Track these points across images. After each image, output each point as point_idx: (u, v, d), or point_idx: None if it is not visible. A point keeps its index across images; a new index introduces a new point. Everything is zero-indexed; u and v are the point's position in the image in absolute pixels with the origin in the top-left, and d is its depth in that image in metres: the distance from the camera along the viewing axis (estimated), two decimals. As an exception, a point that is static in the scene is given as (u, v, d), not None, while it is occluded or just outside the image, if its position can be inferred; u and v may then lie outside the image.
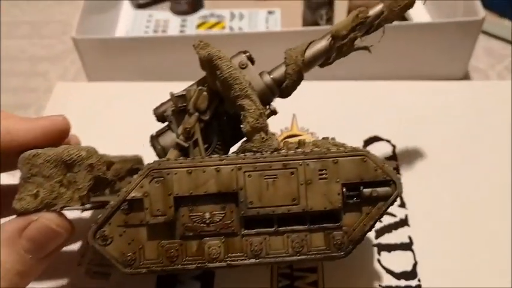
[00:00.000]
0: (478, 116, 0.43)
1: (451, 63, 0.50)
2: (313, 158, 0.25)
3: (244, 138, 0.27)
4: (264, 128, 0.26)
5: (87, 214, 0.36)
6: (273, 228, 0.25)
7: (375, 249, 0.35)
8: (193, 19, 0.61)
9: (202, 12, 0.62)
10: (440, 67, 0.50)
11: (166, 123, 0.30)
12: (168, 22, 0.60)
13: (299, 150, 0.25)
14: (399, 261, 0.34)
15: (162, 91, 0.30)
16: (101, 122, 0.44)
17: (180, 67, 0.46)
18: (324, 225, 0.25)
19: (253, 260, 0.24)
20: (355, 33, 0.29)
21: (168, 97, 0.29)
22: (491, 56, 0.56)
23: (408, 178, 0.39)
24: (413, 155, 0.40)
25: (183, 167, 0.24)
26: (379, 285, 0.33)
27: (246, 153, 0.25)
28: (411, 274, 0.34)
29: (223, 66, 0.26)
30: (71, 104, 0.45)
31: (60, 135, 0.27)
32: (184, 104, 0.28)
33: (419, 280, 0.33)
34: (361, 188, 0.25)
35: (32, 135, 0.25)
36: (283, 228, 0.25)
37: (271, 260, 0.25)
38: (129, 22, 0.60)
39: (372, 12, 0.29)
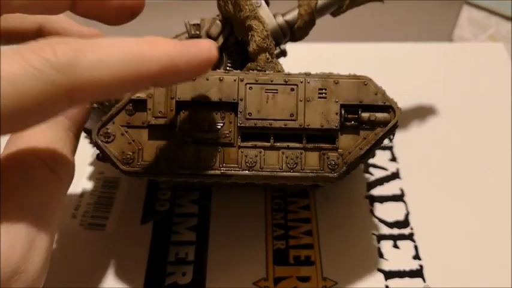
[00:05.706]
0: (470, 75, 0.44)
1: (436, 32, 0.51)
2: (314, 77, 0.25)
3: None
4: (270, 50, 0.27)
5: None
6: (269, 143, 0.25)
7: (367, 200, 0.35)
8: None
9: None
10: (424, 37, 0.50)
11: None
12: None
13: (302, 72, 0.25)
14: (391, 211, 0.35)
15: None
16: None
17: (161, 32, 0.45)
18: (320, 145, 0.25)
19: (246, 172, 0.25)
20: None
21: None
22: (474, 26, 0.57)
23: (399, 134, 0.39)
24: (404, 113, 0.40)
25: None
26: (373, 234, 0.33)
27: (250, 71, 0.26)
28: (404, 223, 0.34)
29: None
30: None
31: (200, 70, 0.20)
32: (197, 32, 0.29)
33: (411, 228, 0.34)
34: (360, 111, 0.25)
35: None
36: (279, 143, 0.25)
37: (265, 173, 0.25)
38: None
39: None
